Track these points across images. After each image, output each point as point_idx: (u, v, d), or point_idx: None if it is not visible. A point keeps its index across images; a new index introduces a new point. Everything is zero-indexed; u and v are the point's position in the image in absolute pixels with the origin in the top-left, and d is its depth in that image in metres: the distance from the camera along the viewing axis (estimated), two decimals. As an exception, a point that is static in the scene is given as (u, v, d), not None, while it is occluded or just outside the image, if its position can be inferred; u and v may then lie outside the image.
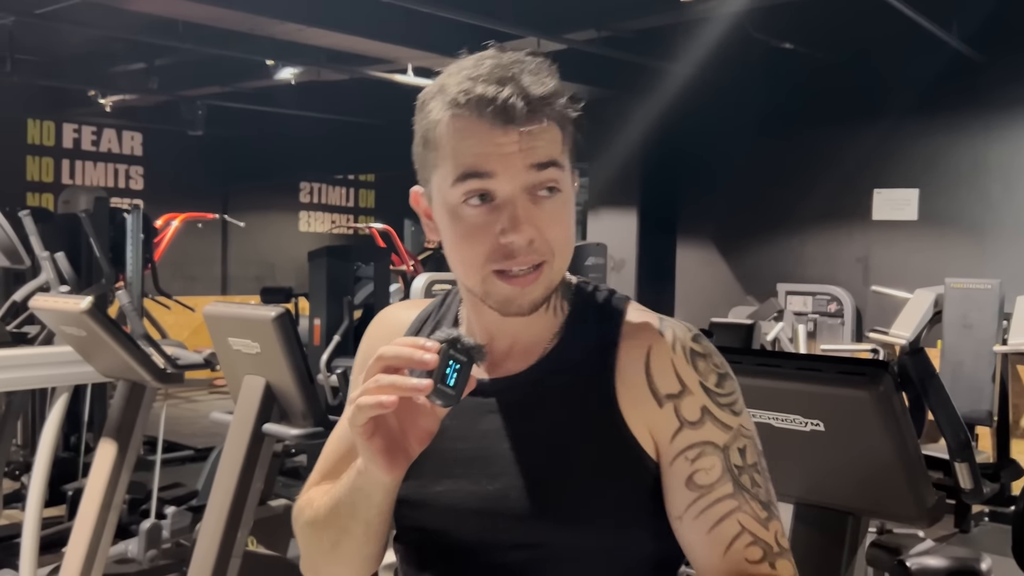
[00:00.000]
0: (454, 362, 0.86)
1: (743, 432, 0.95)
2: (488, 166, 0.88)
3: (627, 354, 0.96)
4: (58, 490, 4.40)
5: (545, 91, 0.90)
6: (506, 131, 0.88)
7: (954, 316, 5.29)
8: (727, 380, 0.97)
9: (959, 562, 2.27)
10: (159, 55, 7.15)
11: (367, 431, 0.87)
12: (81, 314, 2.89)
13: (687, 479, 0.93)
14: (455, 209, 0.91)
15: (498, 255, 0.90)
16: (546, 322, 1.00)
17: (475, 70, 0.91)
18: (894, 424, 1.56)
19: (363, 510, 0.95)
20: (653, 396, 0.94)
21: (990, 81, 5.99)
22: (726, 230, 7.45)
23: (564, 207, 0.93)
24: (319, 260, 4.97)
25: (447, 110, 0.91)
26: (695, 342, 0.97)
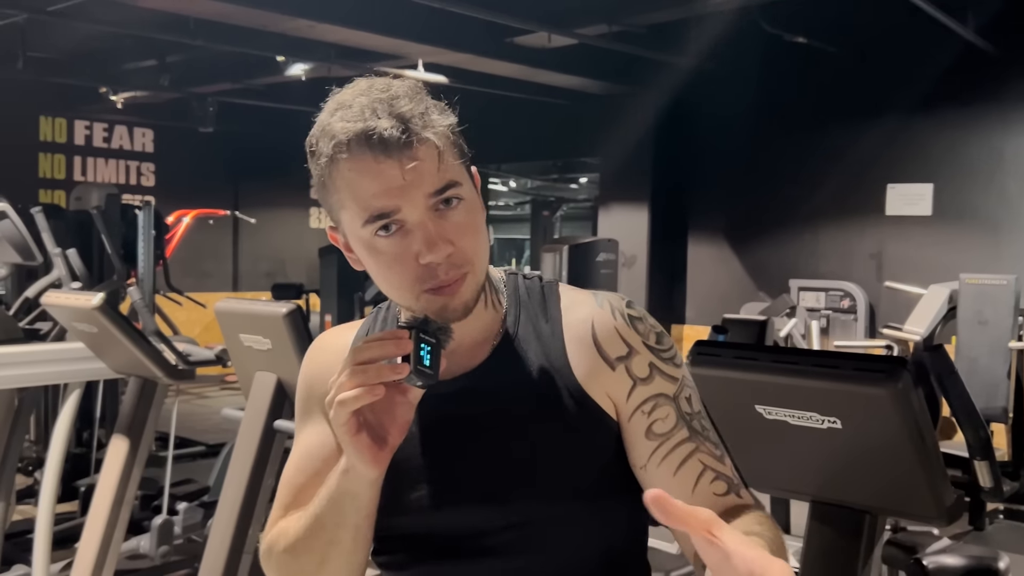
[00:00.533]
0: (424, 344, 0.90)
1: (686, 382, 1.04)
2: (390, 204, 0.91)
3: (573, 329, 1.04)
4: (71, 486, 4.42)
5: (420, 110, 0.94)
6: (395, 163, 0.91)
7: (969, 312, 5.25)
8: (664, 337, 1.05)
9: (976, 560, 2.25)
10: (170, 52, 7.17)
11: (352, 427, 0.90)
12: (92, 310, 2.90)
13: (646, 430, 1.00)
14: (370, 243, 0.95)
15: (424, 276, 0.94)
16: (488, 317, 1.05)
17: (349, 109, 0.94)
18: (913, 421, 1.54)
19: (351, 513, 0.96)
20: (605, 362, 1.01)
21: (1005, 74, 5.93)
22: (738, 226, 7.41)
23: (470, 212, 0.96)
24: (330, 256, 4.98)
25: (334, 152, 0.94)
26: (629, 308, 1.05)
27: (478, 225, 0.98)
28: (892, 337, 5.18)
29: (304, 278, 9.15)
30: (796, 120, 6.87)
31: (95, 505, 3.12)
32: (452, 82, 6.84)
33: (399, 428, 0.93)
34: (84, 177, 9.28)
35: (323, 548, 0.99)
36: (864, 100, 6.52)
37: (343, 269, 4.92)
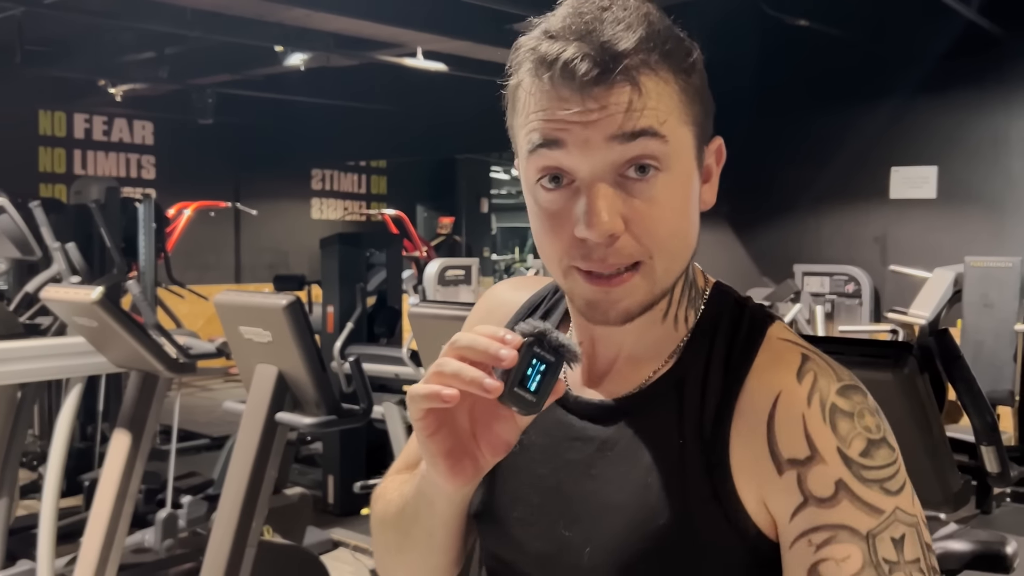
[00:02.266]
0: (538, 361, 0.71)
1: (901, 517, 0.72)
2: (556, 134, 0.73)
3: (751, 396, 0.76)
4: (74, 480, 4.42)
5: (627, 46, 0.72)
6: (575, 96, 0.72)
7: (974, 295, 5.23)
8: (880, 448, 0.73)
9: (984, 546, 2.23)
10: (168, 43, 7.13)
11: (428, 426, 0.74)
12: (92, 305, 2.88)
13: (810, 569, 0.71)
14: (532, 189, 0.77)
15: (575, 251, 0.75)
16: (663, 334, 0.82)
17: (553, 22, 0.75)
18: (919, 407, 1.52)
19: (425, 518, 0.84)
20: (772, 458, 0.73)
21: (1009, 54, 5.89)
22: (741, 211, 7.38)
23: (669, 190, 0.74)
24: (331, 247, 4.95)
25: (519, 72, 0.77)
26: (841, 395, 0.74)
27: (678, 210, 0.76)
28: (897, 321, 5.16)
29: (306, 269, 9.15)
30: (798, 104, 6.83)
31: (98, 499, 3.11)
32: (452, 70, 6.80)
33: (493, 448, 0.76)
34: (84, 171, 9.27)
35: (400, 536, 0.89)
36: (867, 82, 6.48)
37: (345, 260, 4.89)
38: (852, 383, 0.76)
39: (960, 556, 2.18)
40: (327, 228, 10.30)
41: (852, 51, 6.46)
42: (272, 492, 2.84)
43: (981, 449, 1.93)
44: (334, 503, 4.72)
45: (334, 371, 4.56)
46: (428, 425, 0.74)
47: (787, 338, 0.80)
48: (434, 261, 5.80)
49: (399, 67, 6.88)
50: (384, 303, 5.19)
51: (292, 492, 3.78)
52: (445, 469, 0.76)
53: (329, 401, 2.69)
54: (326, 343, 4.77)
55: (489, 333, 0.72)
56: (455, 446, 0.76)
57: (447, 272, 5.61)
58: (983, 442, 1.92)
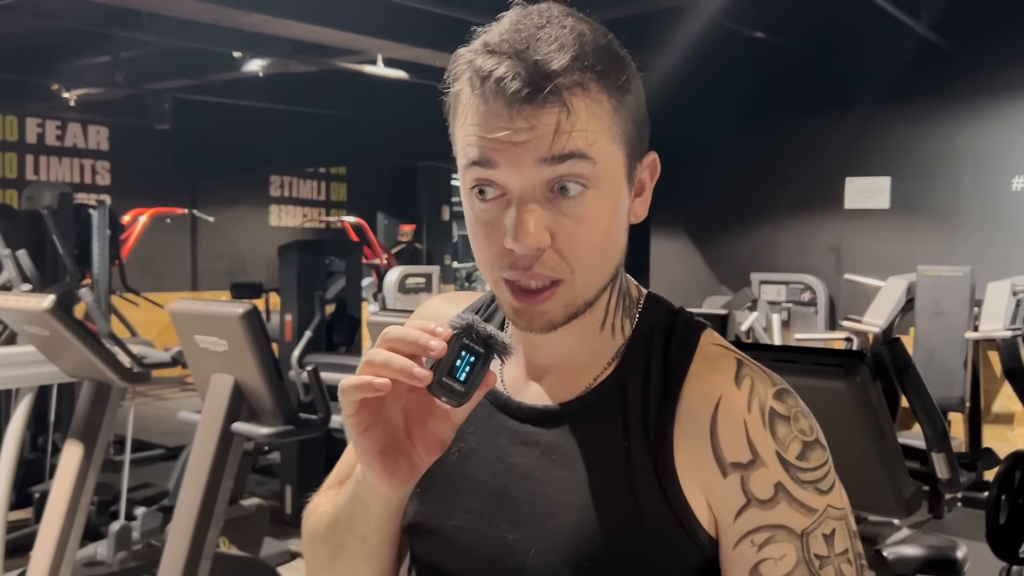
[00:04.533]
0: (468, 353, 0.73)
1: (831, 513, 0.78)
2: (489, 154, 0.75)
3: (691, 402, 0.79)
4: (24, 492, 4.33)
5: (559, 66, 0.73)
6: (506, 114, 0.73)
7: (926, 303, 5.33)
8: (813, 451, 0.78)
9: (935, 551, 2.27)
10: (124, 47, 7.03)
11: (361, 422, 0.74)
12: (43, 313, 2.83)
13: (752, 568, 0.76)
14: (469, 198, 0.78)
15: (504, 262, 0.77)
16: (601, 343, 0.84)
17: (491, 33, 0.77)
18: (872, 415, 1.55)
19: (359, 524, 0.83)
20: (716, 462, 0.77)
21: (959, 69, 6.02)
22: (699, 220, 7.46)
23: (597, 207, 0.76)
24: (289, 255, 4.90)
25: (457, 82, 0.78)
26: (777, 400, 0.78)
27: (603, 227, 0.77)
28: (852, 329, 5.25)
29: (264, 277, 9.06)
30: (755, 115, 6.92)
31: (49, 512, 3.05)
32: (413, 77, 6.79)
33: (429, 446, 0.76)
34: (37, 176, 9.10)
35: (333, 548, 0.87)
36: (822, 95, 6.58)
37: (303, 267, 4.86)
38: (784, 387, 0.80)
39: (912, 561, 2.22)
40: (286, 235, 10.21)
41: (808, 64, 6.56)
42: (228, 503, 2.81)
43: (932, 456, 1.97)
44: (291, 514, 4.67)
45: (292, 380, 4.52)
46: (361, 421, 0.74)
47: (719, 344, 0.84)
48: (394, 269, 5.77)
49: (359, 74, 6.85)
50: (343, 311, 5.16)
51: (249, 503, 3.73)
52: (380, 468, 0.76)
53: (286, 411, 2.67)
54: (284, 352, 4.72)
55: (419, 326, 0.73)
56: (389, 444, 0.76)
57: (408, 280, 5.59)
58: (934, 449, 1.96)
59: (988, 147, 6.03)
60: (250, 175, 10.76)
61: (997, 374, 5.32)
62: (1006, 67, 5.89)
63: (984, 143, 6.05)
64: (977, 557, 2.52)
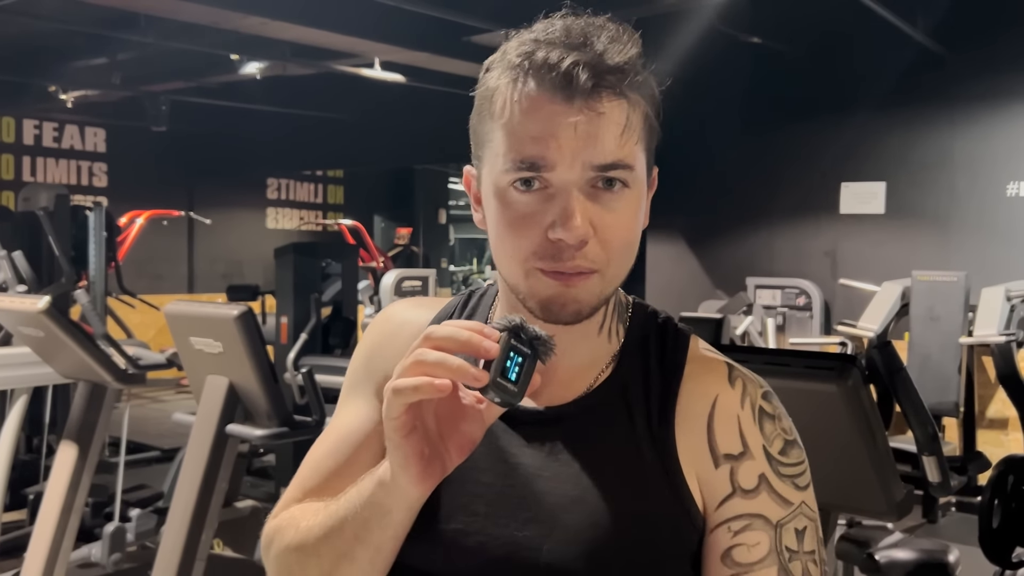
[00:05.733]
0: (516, 354, 0.72)
1: (805, 511, 0.83)
2: (545, 155, 0.76)
3: (690, 399, 0.85)
4: (19, 494, 4.32)
5: (623, 60, 0.76)
6: (568, 107, 0.75)
7: (921, 308, 5.34)
8: (793, 448, 0.84)
9: (928, 555, 2.28)
10: (121, 49, 7.03)
11: (404, 425, 0.73)
12: (38, 314, 2.83)
13: (724, 552, 0.81)
14: (503, 193, 0.79)
15: (545, 252, 0.78)
16: (598, 347, 0.87)
17: (543, 32, 0.78)
18: (863, 418, 1.56)
19: (377, 531, 0.80)
20: (711, 453, 0.83)
21: (953, 74, 6.04)
22: (695, 225, 7.46)
23: (630, 205, 0.80)
24: (286, 257, 4.91)
25: (505, 75, 0.78)
26: (765, 400, 0.85)
27: (634, 225, 0.81)
28: (847, 334, 5.26)
29: (260, 279, 9.05)
30: (750, 120, 6.93)
31: (43, 513, 3.05)
32: (410, 81, 6.80)
33: (460, 448, 0.76)
34: (33, 177, 9.09)
35: (334, 559, 0.83)
36: (818, 101, 6.60)
37: (300, 270, 4.86)
38: (769, 389, 0.87)
39: (904, 565, 2.23)
40: (282, 238, 10.21)
41: (804, 69, 6.58)
42: (223, 505, 2.82)
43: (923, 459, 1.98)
44: (287, 516, 4.66)
45: (287, 382, 4.52)
46: (405, 424, 0.73)
47: (707, 348, 0.90)
48: (391, 272, 5.77)
49: (357, 77, 6.86)
50: (339, 314, 5.16)
51: (243, 505, 3.73)
52: (417, 472, 0.75)
53: (281, 413, 2.67)
54: (280, 354, 4.72)
55: (467, 325, 0.73)
56: (427, 448, 0.76)
57: (404, 283, 5.59)
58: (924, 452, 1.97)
59: (983, 153, 6.05)
60: (247, 177, 10.76)
61: (991, 379, 5.33)
62: (1001, 73, 5.91)
63: (979, 149, 6.07)
64: (970, 561, 2.53)
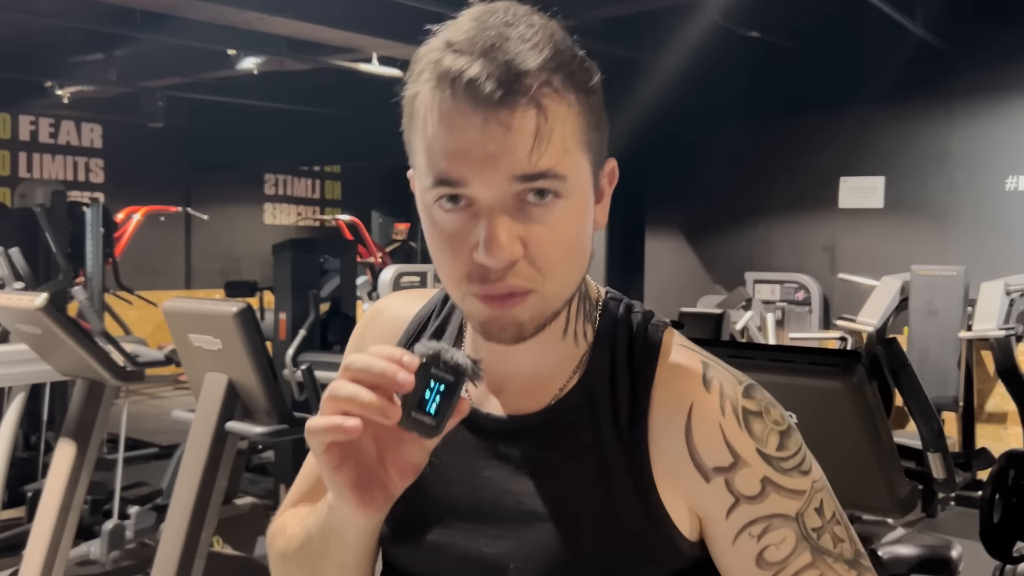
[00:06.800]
0: (436, 382, 0.69)
1: (816, 487, 0.79)
2: (458, 172, 0.71)
3: (663, 409, 0.79)
4: (17, 491, 4.31)
5: (536, 64, 0.70)
6: (478, 120, 0.70)
7: (920, 303, 5.34)
8: (789, 437, 0.79)
9: (930, 550, 2.27)
10: (117, 45, 7.00)
11: (332, 459, 0.71)
12: (36, 311, 2.82)
13: (757, 557, 0.77)
14: (430, 210, 0.75)
15: (474, 275, 0.73)
16: (564, 351, 0.82)
17: (456, 32, 0.73)
18: (868, 415, 1.55)
19: (336, 551, 0.80)
20: (696, 468, 0.77)
21: (952, 68, 6.03)
22: (694, 219, 7.46)
23: (566, 216, 0.74)
24: (284, 253, 4.89)
25: (424, 82, 0.74)
26: (747, 398, 0.79)
27: (573, 236, 0.75)
28: (846, 328, 5.25)
29: (258, 275, 9.02)
30: (749, 114, 6.92)
31: (42, 511, 3.04)
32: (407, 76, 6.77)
33: (403, 473, 0.74)
34: (30, 174, 9.06)
35: (307, 572, 0.84)
36: (817, 95, 6.59)
37: (298, 266, 4.84)
38: (750, 382, 0.81)
39: (907, 561, 2.22)
40: (280, 233, 10.19)
41: (802, 63, 6.56)
42: (222, 502, 2.81)
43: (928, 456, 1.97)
44: (286, 512, 4.66)
45: (286, 379, 4.51)
46: (332, 458, 0.71)
47: (682, 344, 0.83)
48: (389, 267, 5.75)
49: (353, 72, 6.83)
50: (338, 310, 5.15)
51: (243, 502, 3.73)
52: (354, 500, 0.73)
53: (280, 410, 2.66)
54: (278, 350, 4.71)
55: (385, 355, 0.69)
56: (363, 475, 0.73)
57: (402, 278, 5.57)
58: (930, 449, 1.96)
59: (982, 147, 6.05)
60: (244, 173, 10.73)
61: (991, 373, 5.33)
62: (1000, 67, 5.90)
63: (978, 143, 6.06)
64: (970, 556, 2.52)
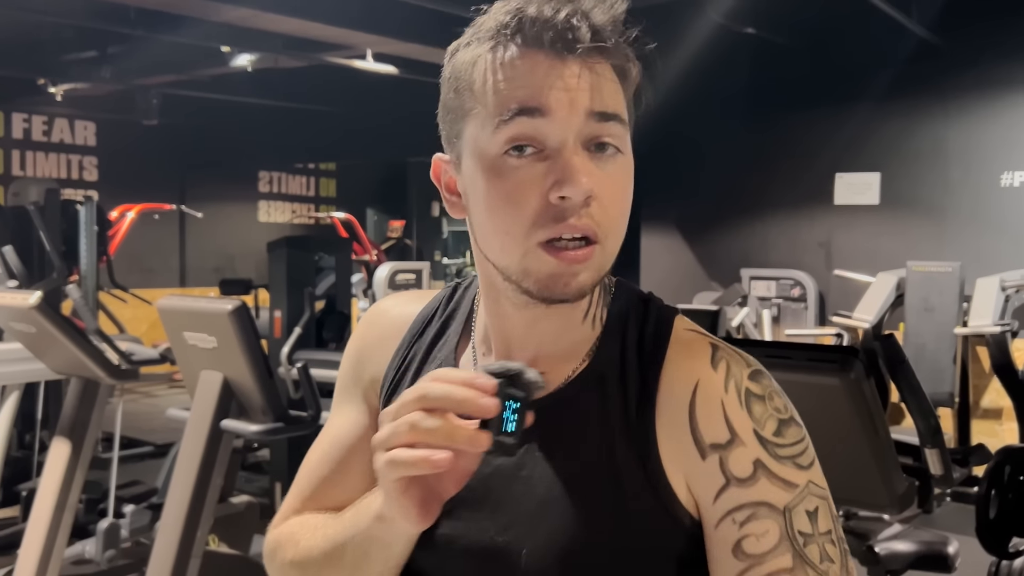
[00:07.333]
0: (512, 401, 0.70)
1: (813, 490, 0.76)
2: (542, 99, 0.72)
3: (671, 386, 0.79)
4: (11, 490, 4.30)
5: (615, 15, 0.74)
6: (566, 63, 0.72)
7: (916, 299, 5.35)
8: (789, 427, 0.78)
9: (927, 546, 2.27)
10: (111, 42, 6.98)
11: (402, 484, 0.72)
12: (30, 310, 2.81)
13: (734, 546, 0.75)
14: (495, 163, 0.74)
15: (547, 217, 0.73)
16: (580, 334, 0.83)
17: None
18: (865, 411, 1.54)
19: (378, 563, 0.80)
20: (695, 444, 0.77)
21: (948, 64, 6.03)
22: (690, 216, 7.46)
23: (623, 171, 0.76)
24: (279, 251, 4.87)
25: (488, 42, 0.75)
26: (752, 380, 0.79)
27: (628, 193, 0.77)
28: (842, 325, 5.26)
29: (253, 273, 9.02)
30: (745, 111, 6.92)
31: (36, 509, 3.03)
32: (402, 73, 6.77)
33: (459, 480, 0.74)
34: (23, 172, 9.03)
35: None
36: (813, 91, 6.59)
37: (293, 263, 4.83)
38: (759, 368, 0.81)
39: (904, 557, 2.22)
40: (275, 231, 10.17)
41: (798, 59, 6.56)
42: (218, 500, 2.80)
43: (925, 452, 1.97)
44: (282, 511, 4.65)
45: (282, 377, 4.50)
46: (403, 484, 0.72)
47: (692, 329, 0.83)
48: (384, 265, 5.75)
49: (348, 69, 6.82)
50: (333, 308, 5.14)
51: (238, 500, 3.71)
52: (417, 515, 0.74)
53: (276, 408, 2.65)
54: (273, 348, 4.70)
55: (460, 380, 0.70)
56: (425, 492, 0.74)
57: (398, 276, 5.57)
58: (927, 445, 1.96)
59: (978, 143, 6.05)
60: (239, 171, 10.71)
61: (986, 369, 5.34)
62: (995, 63, 5.90)
63: (974, 139, 6.07)
64: (966, 551, 2.52)
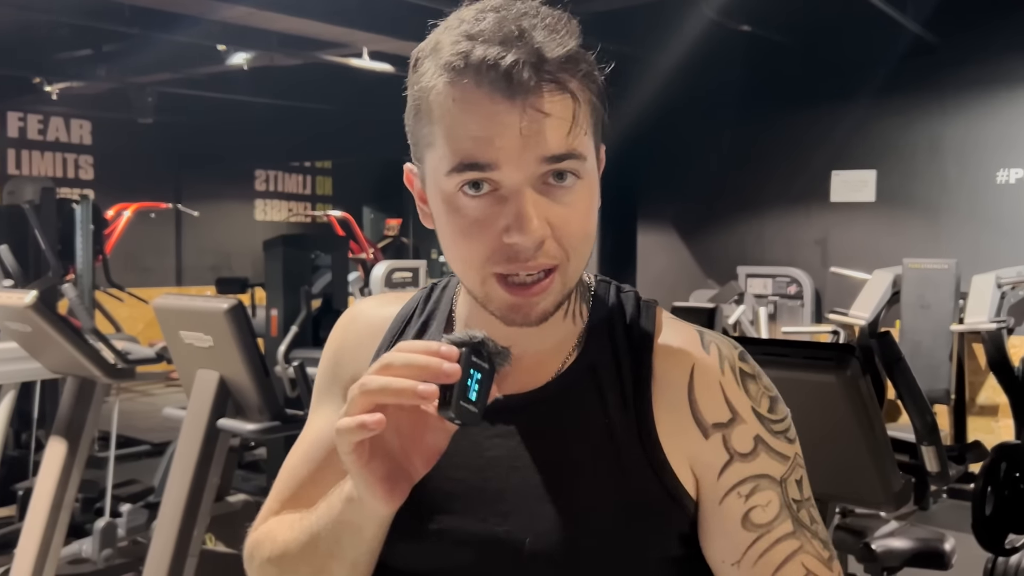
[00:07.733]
0: (475, 370, 0.71)
1: (798, 461, 0.83)
2: (488, 155, 0.73)
3: (665, 373, 0.82)
4: (8, 490, 4.29)
5: (564, 52, 0.73)
6: (511, 106, 0.72)
7: (912, 296, 5.35)
8: (778, 404, 0.84)
9: (924, 543, 2.28)
10: (106, 41, 6.97)
11: (360, 456, 0.72)
12: (26, 309, 2.80)
13: (743, 518, 0.79)
14: (451, 199, 0.76)
15: (500, 257, 0.75)
16: (564, 331, 0.85)
17: (475, 24, 0.74)
18: (862, 408, 1.55)
19: (350, 548, 0.80)
20: (697, 424, 0.80)
21: (943, 62, 6.04)
22: (686, 214, 7.46)
23: (584, 196, 0.77)
24: (275, 249, 4.87)
25: (441, 75, 0.74)
26: (743, 360, 0.83)
27: (589, 213, 0.78)
28: (838, 322, 5.26)
29: (249, 272, 9.00)
30: (741, 109, 6.92)
31: (33, 509, 3.03)
32: (399, 71, 6.76)
33: (426, 459, 0.75)
34: (19, 171, 9.01)
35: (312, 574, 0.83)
36: (809, 89, 6.59)
37: (289, 262, 4.82)
38: (743, 349, 0.85)
39: (901, 553, 2.23)
40: (271, 230, 10.16)
41: (794, 57, 6.57)
42: (214, 499, 2.80)
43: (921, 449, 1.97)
44: (279, 509, 4.64)
45: (278, 376, 4.49)
46: (360, 455, 0.72)
47: (673, 318, 0.88)
48: (381, 263, 5.74)
49: (344, 67, 6.81)
50: (330, 306, 5.13)
51: (235, 499, 3.71)
52: (383, 494, 0.74)
53: (272, 406, 2.65)
54: (270, 347, 4.69)
55: (422, 348, 0.71)
56: (390, 467, 0.74)
57: (394, 274, 5.56)
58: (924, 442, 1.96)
59: (973, 140, 6.06)
60: (235, 169, 10.70)
61: (982, 366, 5.35)
62: (991, 60, 5.91)
63: (969, 136, 6.07)
64: (962, 548, 2.53)
